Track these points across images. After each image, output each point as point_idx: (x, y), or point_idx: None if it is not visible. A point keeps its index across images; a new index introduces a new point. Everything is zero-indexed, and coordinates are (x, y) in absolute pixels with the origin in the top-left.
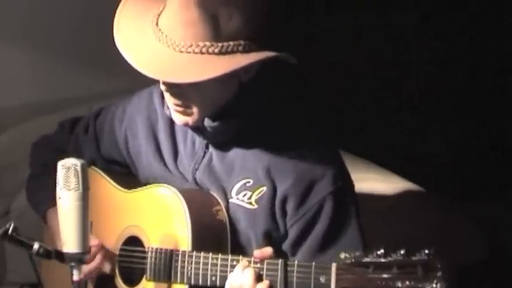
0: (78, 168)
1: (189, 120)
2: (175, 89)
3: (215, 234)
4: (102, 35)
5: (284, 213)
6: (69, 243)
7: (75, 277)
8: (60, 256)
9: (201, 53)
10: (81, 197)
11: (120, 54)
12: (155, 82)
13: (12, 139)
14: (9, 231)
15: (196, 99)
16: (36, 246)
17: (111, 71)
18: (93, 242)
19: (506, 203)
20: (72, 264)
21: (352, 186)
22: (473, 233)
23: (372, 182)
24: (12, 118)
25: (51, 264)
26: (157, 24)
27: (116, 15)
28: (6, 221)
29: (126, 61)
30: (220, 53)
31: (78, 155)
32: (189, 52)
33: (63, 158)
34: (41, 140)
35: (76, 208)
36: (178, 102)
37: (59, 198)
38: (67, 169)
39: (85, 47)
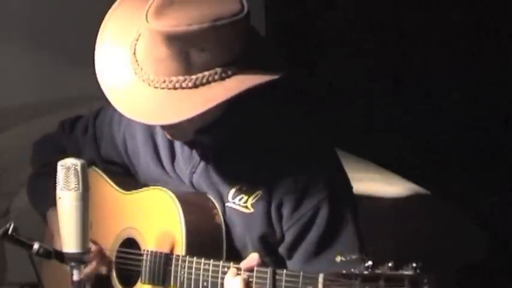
0: (78, 168)
1: (181, 139)
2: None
3: (211, 238)
4: None
5: (280, 217)
6: (69, 243)
7: (75, 277)
8: (60, 256)
9: (175, 88)
10: (81, 197)
11: None
12: None
13: (12, 139)
14: (9, 231)
15: (181, 126)
16: (36, 246)
17: None
18: (91, 246)
19: (506, 202)
20: (72, 264)
21: (350, 189)
22: (473, 232)
23: (371, 182)
24: (12, 118)
25: (52, 265)
26: (134, 52)
27: (99, 33)
28: (6, 221)
29: None
30: (195, 86)
31: (78, 155)
32: (163, 88)
33: (63, 158)
34: (42, 140)
35: (76, 208)
36: (166, 130)
37: (59, 198)
38: (67, 169)
39: (85, 47)
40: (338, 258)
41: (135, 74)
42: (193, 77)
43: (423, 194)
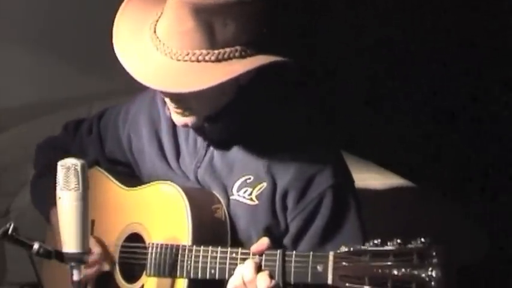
0: (78, 168)
1: (189, 122)
2: (174, 95)
3: (216, 232)
4: (102, 35)
5: (284, 208)
6: (69, 243)
7: (75, 277)
8: (60, 256)
9: (198, 61)
10: (81, 197)
11: None
12: None
13: (12, 139)
14: (9, 231)
15: (195, 104)
16: (36, 246)
17: (110, 71)
18: (94, 247)
19: (506, 202)
20: (72, 264)
21: (352, 181)
22: (473, 231)
23: (371, 180)
24: (12, 118)
25: (53, 264)
26: (155, 31)
27: (116, 19)
28: (6, 221)
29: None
30: (217, 60)
31: (82, 156)
32: (186, 60)
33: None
34: (46, 141)
35: (76, 208)
36: (178, 106)
37: (59, 198)
38: (67, 169)
39: (85, 47)
40: (342, 248)
41: (157, 49)
42: (216, 51)
43: (423, 193)
